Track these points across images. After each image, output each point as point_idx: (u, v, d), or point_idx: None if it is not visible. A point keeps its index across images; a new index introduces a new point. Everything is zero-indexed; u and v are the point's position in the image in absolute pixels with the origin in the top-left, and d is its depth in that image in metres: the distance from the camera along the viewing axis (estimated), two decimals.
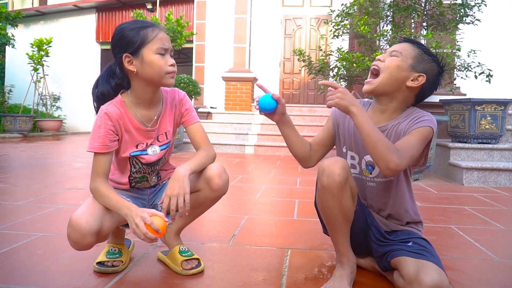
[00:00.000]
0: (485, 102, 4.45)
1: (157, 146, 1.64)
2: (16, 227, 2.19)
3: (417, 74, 1.47)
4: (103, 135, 1.50)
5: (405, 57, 1.48)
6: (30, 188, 3.33)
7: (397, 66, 1.47)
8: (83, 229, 1.35)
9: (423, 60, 1.49)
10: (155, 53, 1.46)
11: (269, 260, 1.79)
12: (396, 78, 1.47)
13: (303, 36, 11.09)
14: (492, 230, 2.40)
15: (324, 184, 1.42)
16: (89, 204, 1.45)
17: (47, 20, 13.93)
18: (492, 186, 4.10)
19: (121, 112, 1.55)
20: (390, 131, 1.51)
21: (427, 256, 1.37)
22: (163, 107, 1.64)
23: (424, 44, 1.53)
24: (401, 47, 1.51)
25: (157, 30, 1.49)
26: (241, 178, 4.23)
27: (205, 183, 1.60)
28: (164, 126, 1.65)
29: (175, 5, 12.51)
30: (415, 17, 4.94)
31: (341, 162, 1.43)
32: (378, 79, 1.50)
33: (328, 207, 1.46)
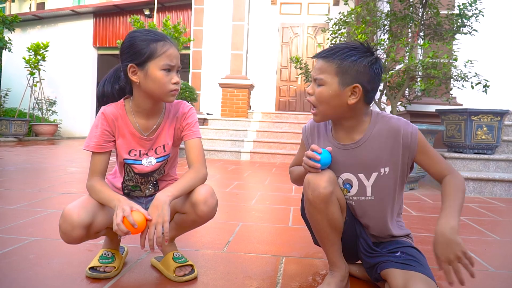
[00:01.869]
0: (481, 112, 4.46)
1: (153, 158, 1.62)
2: (8, 231, 2.16)
3: (351, 87, 1.34)
4: (99, 135, 1.53)
5: (329, 80, 1.35)
6: (24, 192, 3.30)
7: (328, 96, 1.36)
8: (74, 221, 1.37)
9: (346, 69, 1.33)
10: (160, 69, 1.45)
11: (264, 267, 1.77)
12: (334, 105, 1.37)
13: (300, 44, 11.14)
14: (487, 240, 2.40)
15: (309, 197, 1.39)
16: (84, 199, 1.48)
17: (44, 24, 13.93)
18: (487, 196, 4.10)
19: (119, 114, 1.55)
20: (361, 148, 1.43)
21: (415, 266, 1.35)
22: (163, 119, 1.62)
23: (336, 44, 1.40)
24: (320, 69, 1.37)
25: (168, 45, 1.46)
26: (236, 184, 4.22)
27: (190, 207, 1.52)
28: (162, 139, 1.63)
29: (172, 11, 12.56)
30: (412, 27, 4.96)
31: (327, 175, 1.38)
32: (318, 111, 1.41)
33: (315, 220, 1.44)
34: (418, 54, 5.20)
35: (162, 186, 1.74)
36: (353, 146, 1.44)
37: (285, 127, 8.52)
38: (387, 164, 1.43)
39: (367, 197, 1.47)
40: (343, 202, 1.47)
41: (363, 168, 1.45)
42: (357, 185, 1.47)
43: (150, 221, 1.36)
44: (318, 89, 1.38)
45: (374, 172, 1.44)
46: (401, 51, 5.10)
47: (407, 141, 1.40)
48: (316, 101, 1.39)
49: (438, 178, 1.43)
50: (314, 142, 1.56)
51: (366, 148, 1.43)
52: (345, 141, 1.46)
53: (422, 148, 1.41)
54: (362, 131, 1.44)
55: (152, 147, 1.62)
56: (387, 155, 1.42)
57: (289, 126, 8.52)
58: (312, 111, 1.43)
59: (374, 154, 1.42)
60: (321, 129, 1.55)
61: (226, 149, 7.43)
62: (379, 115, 1.45)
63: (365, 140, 1.43)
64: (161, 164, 1.65)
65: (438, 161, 1.42)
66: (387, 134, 1.41)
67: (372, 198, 1.47)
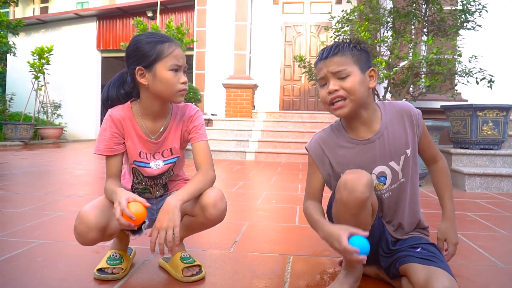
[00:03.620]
0: (486, 107, 4.44)
1: (160, 161, 1.63)
2: (16, 234, 2.17)
3: (369, 71, 1.43)
4: (108, 138, 1.54)
5: (353, 70, 1.38)
6: (30, 195, 3.31)
7: (358, 84, 1.38)
8: (90, 223, 1.39)
9: (358, 57, 1.41)
10: (168, 69, 1.46)
11: (271, 266, 1.77)
12: (363, 92, 1.40)
13: (303, 42, 11.12)
14: (496, 236, 2.38)
15: (343, 199, 1.34)
16: (100, 200, 1.50)
17: (48, 28, 14.00)
18: (494, 192, 4.08)
19: (126, 116, 1.56)
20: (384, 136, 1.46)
21: (437, 262, 1.35)
22: (170, 122, 1.62)
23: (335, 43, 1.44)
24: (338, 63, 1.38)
25: (174, 46, 1.48)
26: (242, 184, 4.22)
27: (200, 210, 1.53)
28: (169, 142, 1.63)
29: (175, 13, 12.58)
30: (415, 23, 4.94)
31: (366, 178, 1.33)
32: (348, 102, 1.39)
33: (344, 221, 1.39)
34: (422, 51, 5.18)
35: (172, 187, 1.75)
36: (376, 137, 1.47)
37: (289, 126, 8.51)
38: (408, 146, 1.48)
39: (400, 180, 1.50)
40: (375, 206, 1.43)
41: (392, 155, 1.48)
42: (391, 174, 1.49)
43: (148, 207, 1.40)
44: (345, 81, 1.38)
45: (402, 155, 1.48)
46: (405, 48, 5.09)
47: (416, 121, 1.49)
48: (347, 93, 1.38)
49: (429, 161, 1.58)
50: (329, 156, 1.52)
51: (388, 135, 1.47)
52: (366, 134, 1.48)
53: (424, 130, 1.52)
54: (379, 121, 1.48)
55: (159, 150, 1.62)
56: (407, 136, 1.48)
57: (293, 125, 8.51)
58: (339, 104, 1.39)
59: (397, 138, 1.47)
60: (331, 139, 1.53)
61: (231, 149, 7.43)
62: (384, 103, 1.54)
63: (385, 127, 1.47)
64: (169, 167, 1.66)
65: (433, 145, 1.55)
66: (400, 117, 1.49)
67: (404, 180, 1.51)
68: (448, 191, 1.55)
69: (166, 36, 1.49)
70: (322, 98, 1.44)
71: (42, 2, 19.97)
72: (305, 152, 7.05)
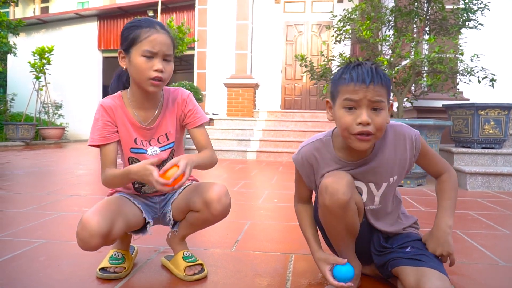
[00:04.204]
0: (488, 106, 4.43)
1: (157, 147, 1.61)
2: (18, 234, 2.17)
3: (390, 105, 1.34)
4: (101, 127, 1.53)
5: (386, 103, 1.28)
6: (32, 195, 3.32)
7: (387, 120, 1.30)
8: (93, 230, 1.35)
9: (389, 88, 1.31)
10: (141, 55, 1.43)
11: (273, 265, 1.77)
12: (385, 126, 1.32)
13: (304, 42, 11.12)
14: (497, 234, 2.38)
15: (326, 203, 1.33)
16: (102, 205, 1.46)
17: (48, 28, 14.00)
18: (496, 191, 4.07)
19: (117, 105, 1.56)
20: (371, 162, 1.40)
21: (426, 261, 1.34)
22: (162, 108, 1.61)
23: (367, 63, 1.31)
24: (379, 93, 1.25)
25: (153, 31, 1.43)
26: (243, 184, 4.22)
27: (204, 205, 1.52)
28: (163, 127, 1.62)
29: (176, 12, 12.57)
30: (417, 22, 4.94)
31: (346, 179, 1.33)
32: (373, 138, 1.29)
33: (331, 225, 1.40)
34: (424, 49, 5.17)
35: None
36: (363, 162, 1.41)
37: (291, 125, 8.51)
38: (395, 173, 1.43)
39: (375, 205, 1.47)
40: (360, 205, 1.42)
41: (374, 179, 1.43)
42: (366, 194, 1.45)
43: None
44: (378, 116, 1.27)
45: (384, 182, 1.44)
46: (407, 47, 5.09)
47: (412, 147, 1.41)
48: (375, 129, 1.27)
49: (435, 176, 1.51)
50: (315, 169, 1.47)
51: (377, 161, 1.41)
52: (355, 158, 1.41)
53: (423, 151, 1.45)
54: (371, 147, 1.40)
55: (154, 137, 1.61)
56: (396, 164, 1.42)
57: (295, 124, 8.51)
58: (366, 138, 1.27)
59: (385, 165, 1.41)
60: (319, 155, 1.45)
61: (232, 149, 7.43)
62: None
63: (375, 154, 1.40)
64: (168, 154, 1.63)
65: (437, 162, 1.48)
66: (394, 142, 1.41)
67: (380, 207, 1.48)
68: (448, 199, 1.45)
69: (151, 21, 1.46)
70: (346, 124, 1.28)
71: (42, 2, 19.99)
72: None
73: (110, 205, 1.48)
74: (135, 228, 1.60)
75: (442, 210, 1.45)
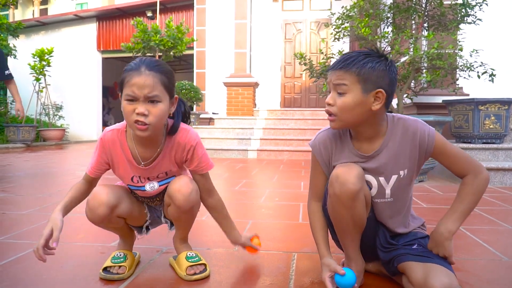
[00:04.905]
0: (488, 101, 4.43)
1: (155, 182, 1.62)
2: (21, 236, 2.18)
3: (374, 92, 1.33)
4: (95, 160, 1.60)
5: (352, 88, 1.33)
6: (34, 197, 3.32)
7: (352, 104, 1.33)
8: (102, 199, 1.51)
9: (366, 76, 1.32)
10: (124, 99, 1.40)
11: (276, 264, 1.77)
12: (357, 112, 1.34)
13: (303, 40, 11.12)
14: (499, 230, 2.38)
15: (336, 192, 1.36)
16: (113, 185, 1.65)
17: (48, 30, 14.01)
18: (498, 186, 4.07)
19: (118, 140, 1.56)
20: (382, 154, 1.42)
21: (433, 258, 1.35)
22: (163, 150, 1.57)
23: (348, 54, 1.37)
24: (340, 78, 1.34)
25: (134, 74, 1.39)
26: (244, 182, 4.22)
27: (169, 199, 1.58)
28: (162, 167, 1.60)
29: (175, 12, 12.58)
30: (415, 18, 4.94)
31: (357, 170, 1.36)
32: (337, 118, 1.37)
33: (339, 215, 1.41)
34: (423, 46, 5.17)
35: None
36: (375, 154, 1.42)
37: (291, 123, 8.51)
38: (406, 166, 1.43)
39: (386, 199, 1.46)
40: (368, 198, 1.43)
41: (383, 172, 1.43)
42: (377, 187, 1.45)
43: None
44: (340, 98, 1.35)
45: (394, 175, 1.43)
46: (406, 43, 5.08)
47: (423, 144, 1.40)
48: (338, 111, 1.35)
49: (458, 176, 1.46)
50: (332, 155, 1.49)
51: (386, 153, 1.41)
52: (367, 151, 1.43)
53: (440, 149, 1.41)
54: (381, 137, 1.42)
55: (152, 174, 1.60)
56: (406, 158, 1.42)
57: (295, 122, 8.52)
58: (330, 118, 1.39)
59: (394, 158, 1.41)
60: (340, 140, 1.49)
61: (233, 148, 7.43)
62: (395, 118, 1.44)
63: (385, 146, 1.41)
64: (166, 187, 1.64)
65: (458, 161, 1.42)
66: (405, 137, 1.41)
67: (391, 200, 1.47)
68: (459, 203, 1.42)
69: (140, 62, 1.42)
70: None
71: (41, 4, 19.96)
72: (307, 150, 7.08)
73: (119, 188, 1.64)
74: (137, 220, 1.70)
75: (450, 212, 1.42)
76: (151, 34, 8.79)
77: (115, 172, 1.63)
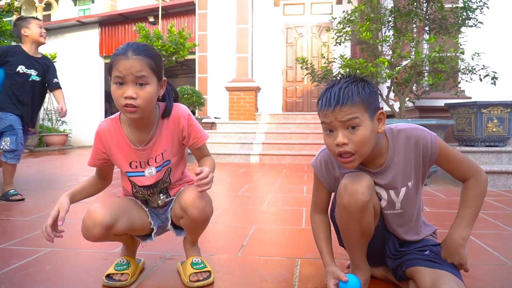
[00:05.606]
0: (491, 104, 4.42)
1: (153, 167, 1.61)
2: (24, 242, 2.18)
3: (377, 115, 1.31)
4: (93, 152, 1.62)
5: (363, 119, 1.27)
6: (38, 203, 3.33)
7: (368, 136, 1.28)
8: (97, 219, 1.45)
9: (370, 101, 1.29)
10: (113, 82, 1.42)
11: (279, 270, 1.77)
12: (372, 142, 1.31)
13: (304, 44, 11.13)
14: (504, 234, 2.37)
15: (345, 203, 1.34)
16: (111, 201, 1.57)
17: (51, 36, 14.05)
18: (502, 189, 4.06)
19: (113, 128, 1.57)
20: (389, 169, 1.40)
21: (443, 265, 1.34)
22: (158, 128, 1.59)
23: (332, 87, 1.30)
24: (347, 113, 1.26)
25: (121, 57, 1.40)
26: (247, 187, 4.22)
27: (182, 211, 1.56)
28: (159, 147, 1.60)
29: (177, 17, 12.61)
30: (417, 22, 4.94)
31: (366, 180, 1.33)
32: (357, 156, 1.30)
33: (347, 225, 1.40)
34: (424, 49, 5.17)
35: (173, 193, 1.71)
36: (381, 171, 1.41)
37: (293, 127, 8.51)
38: (412, 177, 1.42)
39: (396, 210, 1.45)
40: (377, 209, 1.42)
41: (393, 186, 1.42)
42: (386, 199, 1.44)
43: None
44: (354, 134, 1.27)
45: (403, 187, 1.42)
46: (407, 47, 5.08)
47: (427, 152, 1.38)
48: (357, 147, 1.28)
49: (460, 180, 1.44)
50: (335, 173, 1.48)
51: (393, 168, 1.40)
52: (373, 167, 1.42)
53: (443, 155, 1.39)
54: (385, 153, 1.40)
55: (151, 156, 1.60)
56: (412, 169, 1.41)
57: (297, 126, 8.51)
58: (349, 159, 1.30)
59: (401, 172, 1.40)
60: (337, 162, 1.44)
61: (235, 152, 7.43)
62: (393, 130, 1.42)
63: (391, 161, 1.40)
64: (163, 174, 1.63)
65: (460, 165, 1.41)
66: (408, 149, 1.39)
67: (401, 211, 1.46)
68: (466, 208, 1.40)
69: (127, 46, 1.43)
70: (328, 146, 1.34)
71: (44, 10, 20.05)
72: (309, 154, 7.09)
73: (117, 203, 1.59)
74: (139, 231, 1.65)
75: (459, 219, 1.40)
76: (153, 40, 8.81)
77: (113, 160, 1.62)
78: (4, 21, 9.12)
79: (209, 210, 1.59)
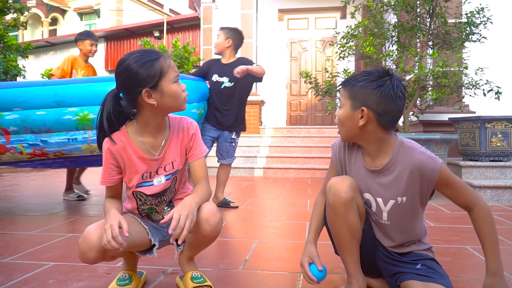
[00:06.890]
0: (495, 119, 4.42)
1: (163, 176, 1.62)
2: (27, 257, 2.19)
3: (359, 110, 1.40)
4: (105, 170, 1.59)
5: (344, 103, 1.45)
6: (41, 217, 3.33)
7: (343, 118, 1.46)
8: (92, 243, 1.40)
9: (355, 93, 1.41)
10: (172, 82, 1.48)
11: (281, 285, 1.76)
12: (348, 127, 1.45)
13: (308, 58, 11.18)
14: (508, 250, 2.35)
15: (330, 201, 1.46)
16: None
17: (57, 50, 14.23)
18: (506, 204, 4.03)
19: (124, 141, 1.56)
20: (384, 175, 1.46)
21: (436, 278, 1.36)
22: (170, 135, 1.62)
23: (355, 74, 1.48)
24: (340, 94, 1.50)
25: (167, 58, 1.50)
26: (251, 201, 4.21)
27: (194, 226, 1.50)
28: (170, 155, 1.62)
29: (181, 32, 12.72)
30: (420, 37, 4.97)
31: (349, 181, 1.46)
32: (339, 131, 1.53)
33: (335, 224, 1.48)
34: (428, 64, 5.19)
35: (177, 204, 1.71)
36: (376, 172, 1.47)
37: (297, 141, 8.52)
38: (404, 194, 1.44)
39: (383, 221, 1.51)
40: (362, 209, 1.51)
41: (381, 193, 1.48)
42: (375, 207, 1.51)
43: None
44: (339, 111, 1.48)
45: (391, 199, 1.46)
46: (411, 62, 5.10)
47: (426, 177, 1.40)
48: (337, 122, 1.50)
49: (464, 208, 1.46)
50: (345, 159, 1.59)
51: (386, 176, 1.45)
52: (371, 165, 1.49)
53: (444, 182, 1.40)
54: (385, 159, 1.45)
55: (161, 165, 1.61)
56: (404, 186, 1.43)
57: (301, 140, 8.52)
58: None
59: (393, 183, 1.44)
60: (354, 148, 1.57)
61: (239, 166, 7.43)
62: (403, 144, 1.45)
63: (387, 168, 1.45)
64: (170, 182, 1.64)
65: (463, 193, 1.42)
66: (407, 166, 1.41)
67: (388, 223, 1.50)
68: (489, 242, 1.39)
69: (153, 51, 1.50)
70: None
71: (50, 25, 20.34)
72: (313, 168, 7.09)
73: None
74: (139, 248, 1.61)
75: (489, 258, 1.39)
76: None
77: (126, 175, 1.60)
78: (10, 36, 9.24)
79: (220, 227, 1.57)
